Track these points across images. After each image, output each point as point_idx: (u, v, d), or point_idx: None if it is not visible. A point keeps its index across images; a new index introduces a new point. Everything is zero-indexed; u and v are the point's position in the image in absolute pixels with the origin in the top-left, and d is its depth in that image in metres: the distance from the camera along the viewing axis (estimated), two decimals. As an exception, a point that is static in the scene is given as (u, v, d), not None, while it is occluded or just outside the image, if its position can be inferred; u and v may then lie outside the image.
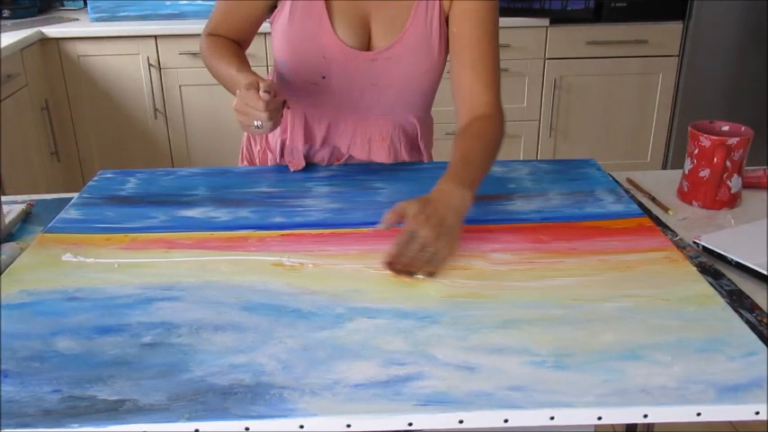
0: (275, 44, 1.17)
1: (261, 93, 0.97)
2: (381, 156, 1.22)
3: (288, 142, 1.22)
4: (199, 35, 1.21)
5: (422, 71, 1.15)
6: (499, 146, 1.07)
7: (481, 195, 1.11)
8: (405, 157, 1.24)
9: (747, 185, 1.14)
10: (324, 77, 1.15)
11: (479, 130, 1.06)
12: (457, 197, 0.92)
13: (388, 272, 0.88)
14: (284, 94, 1.08)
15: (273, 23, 1.15)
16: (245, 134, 1.34)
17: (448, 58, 1.16)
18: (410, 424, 0.65)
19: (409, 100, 1.20)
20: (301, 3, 1.11)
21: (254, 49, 2.59)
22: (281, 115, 1.03)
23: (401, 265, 0.88)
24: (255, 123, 0.99)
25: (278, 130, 1.22)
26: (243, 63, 1.11)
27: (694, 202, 1.11)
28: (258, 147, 1.31)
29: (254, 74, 1.04)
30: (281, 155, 1.24)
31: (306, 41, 1.12)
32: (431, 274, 0.87)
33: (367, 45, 1.14)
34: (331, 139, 1.22)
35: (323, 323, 0.78)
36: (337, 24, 1.11)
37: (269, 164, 1.27)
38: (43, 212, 1.11)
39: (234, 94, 1.05)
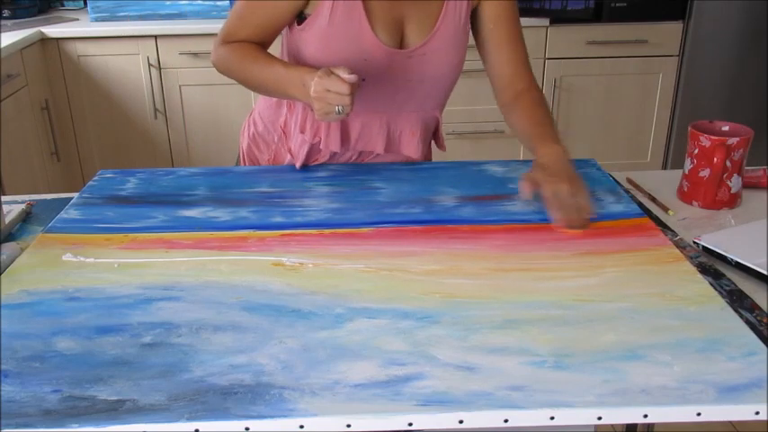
0: (309, 48, 1.13)
1: (345, 76, 0.97)
2: (411, 150, 1.24)
3: (322, 146, 1.21)
4: (199, 35, 1.21)
5: (452, 66, 1.20)
6: (549, 108, 1.21)
7: (481, 195, 1.12)
8: (427, 150, 1.28)
9: (747, 185, 1.14)
10: (364, 80, 1.13)
11: (532, 99, 1.19)
12: (560, 151, 1.05)
13: (571, 231, 0.98)
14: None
15: (307, 27, 1.12)
16: (246, 140, 1.33)
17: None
18: (410, 424, 0.65)
19: (438, 95, 1.24)
20: (342, 4, 1.10)
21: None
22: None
23: (575, 222, 0.98)
24: (338, 109, 0.99)
25: (307, 134, 1.20)
26: (283, 61, 1.11)
27: (694, 202, 1.11)
28: (266, 156, 1.30)
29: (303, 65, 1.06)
30: (307, 158, 1.23)
31: (348, 43, 1.12)
32: (592, 213, 0.99)
33: (401, 43, 1.16)
34: (364, 139, 1.22)
35: (323, 323, 0.78)
36: (376, 25, 1.12)
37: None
38: (43, 212, 1.11)
39: (280, 94, 1.07)
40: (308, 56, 1.14)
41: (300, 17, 1.14)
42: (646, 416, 0.65)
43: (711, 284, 0.86)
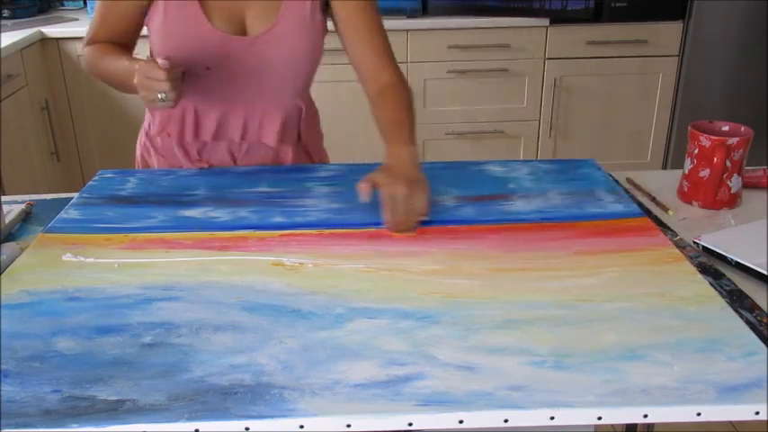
0: (154, 46, 1.19)
1: (160, 62, 1.01)
2: (270, 138, 1.25)
3: (179, 137, 1.24)
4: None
5: (302, 52, 1.20)
6: (413, 106, 1.20)
7: (481, 195, 1.12)
8: (293, 141, 1.28)
9: (747, 185, 1.14)
10: (208, 68, 1.17)
11: (395, 95, 1.18)
12: (407, 154, 1.05)
13: (396, 234, 0.98)
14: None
15: (149, 25, 1.18)
16: (138, 150, 1.36)
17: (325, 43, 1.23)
18: (410, 424, 0.65)
19: (293, 83, 1.24)
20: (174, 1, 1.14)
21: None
22: (179, 87, 1.05)
23: (402, 226, 0.99)
24: (159, 96, 1.02)
25: (162, 127, 1.24)
26: (133, 57, 1.15)
27: (694, 202, 1.11)
28: (154, 159, 1.32)
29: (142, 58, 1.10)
30: (185, 154, 1.26)
31: (184, 36, 1.15)
32: (424, 216, 1.00)
33: (244, 32, 1.18)
34: (222, 128, 1.24)
35: (323, 323, 0.78)
36: (212, 13, 1.15)
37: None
38: (43, 212, 1.11)
39: (128, 88, 1.09)
40: (156, 51, 1.19)
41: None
42: (646, 416, 0.65)
43: (711, 284, 0.86)
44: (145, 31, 1.20)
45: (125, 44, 1.21)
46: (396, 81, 1.20)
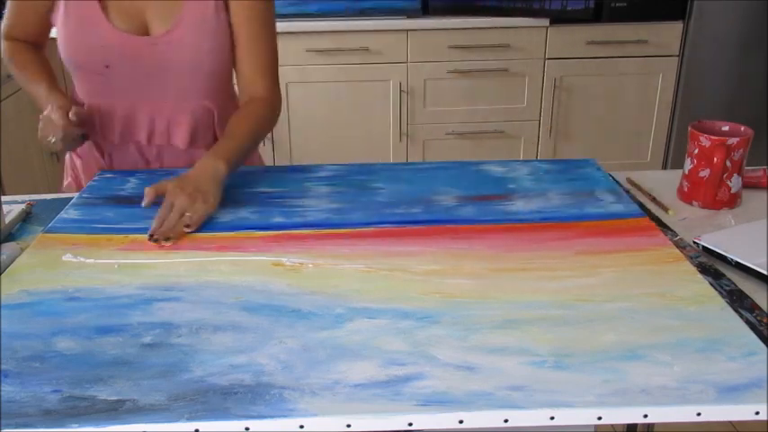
0: (59, 46, 1.20)
1: (71, 115, 1.10)
2: (179, 140, 1.25)
3: (86, 138, 1.24)
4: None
5: (205, 53, 1.19)
6: (269, 124, 1.23)
7: (481, 195, 1.12)
8: (206, 143, 1.28)
9: (747, 185, 1.14)
10: (107, 66, 1.18)
11: (251, 110, 1.20)
12: (210, 167, 1.06)
13: (150, 242, 0.96)
14: (90, 123, 1.21)
15: (54, 24, 1.20)
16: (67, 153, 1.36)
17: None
18: (410, 424, 0.65)
19: (200, 84, 1.23)
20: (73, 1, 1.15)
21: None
22: (78, 143, 1.16)
23: (160, 234, 0.97)
24: (51, 139, 1.11)
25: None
26: (52, 81, 1.22)
27: (694, 202, 1.11)
28: (76, 161, 1.33)
29: (62, 94, 1.19)
30: (100, 155, 1.27)
31: (83, 35, 1.17)
32: (188, 227, 0.99)
33: (146, 31, 1.18)
34: (129, 128, 1.24)
35: (323, 323, 0.78)
36: (112, 14, 1.16)
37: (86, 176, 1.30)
38: (43, 212, 1.11)
39: (41, 107, 1.16)
40: (61, 51, 1.20)
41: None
42: (646, 416, 0.65)
43: (711, 284, 0.86)
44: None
45: (38, 43, 1.27)
46: (263, 97, 1.22)
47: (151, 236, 0.97)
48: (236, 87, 1.29)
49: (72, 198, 1.13)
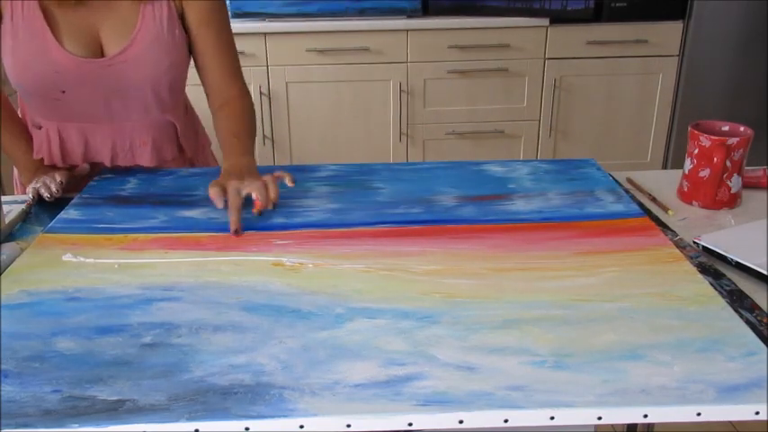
0: (8, 67, 1.15)
1: (58, 182, 1.14)
2: (144, 159, 1.23)
3: (49, 161, 1.21)
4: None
5: (162, 69, 1.18)
6: (255, 120, 1.25)
7: (481, 195, 1.12)
8: (171, 158, 1.27)
9: (747, 185, 1.14)
10: (63, 92, 1.15)
11: (237, 110, 1.22)
12: (244, 164, 1.11)
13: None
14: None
15: (2, 46, 1.13)
16: (16, 171, 1.33)
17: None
18: (410, 424, 0.65)
19: (160, 99, 1.22)
20: (21, 23, 1.11)
21: (254, 48, 2.59)
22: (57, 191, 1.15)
23: (272, 200, 1.04)
24: (44, 193, 1.13)
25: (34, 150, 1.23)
26: (29, 144, 1.22)
27: (694, 202, 1.11)
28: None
29: (44, 167, 1.20)
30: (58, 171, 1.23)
31: (35, 60, 1.12)
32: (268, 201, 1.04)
33: (100, 53, 1.15)
34: (91, 152, 1.22)
35: (323, 323, 0.78)
36: (64, 37, 1.12)
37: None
38: (43, 212, 1.11)
39: (12, 158, 1.21)
40: (9, 76, 1.16)
41: None
42: (646, 416, 0.65)
43: (711, 284, 0.86)
44: None
45: None
46: (238, 95, 1.23)
47: (236, 231, 0.98)
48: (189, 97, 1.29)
49: (72, 198, 1.13)
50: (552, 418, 0.65)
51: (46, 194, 1.13)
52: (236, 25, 2.57)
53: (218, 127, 1.22)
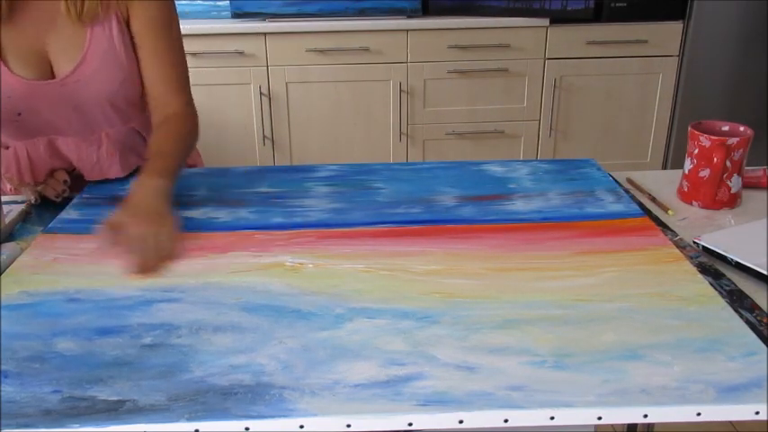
0: None
1: (62, 181, 1.15)
2: (114, 171, 1.20)
3: (18, 179, 1.18)
4: (199, 35, 1.22)
5: (118, 83, 1.14)
6: (193, 140, 1.17)
7: (481, 195, 1.12)
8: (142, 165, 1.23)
9: (747, 185, 1.14)
10: (20, 114, 1.12)
11: (172, 128, 1.14)
12: (152, 186, 0.99)
13: (140, 277, 0.88)
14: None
15: None
16: None
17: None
18: (410, 424, 0.65)
19: (121, 112, 1.19)
20: None
21: (254, 48, 2.59)
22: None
23: (151, 268, 0.90)
24: (51, 194, 1.13)
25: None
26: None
27: (694, 202, 1.11)
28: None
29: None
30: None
31: None
32: (174, 258, 0.92)
33: (52, 73, 1.11)
34: (59, 171, 1.19)
35: (323, 323, 0.78)
36: (12, 61, 1.09)
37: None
38: (43, 212, 1.11)
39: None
40: None
41: None
42: (646, 416, 0.65)
43: (711, 284, 0.86)
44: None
45: None
46: (179, 112, 1.16)
47: (140, 272, 0.89)
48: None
49: (72, 198, 1.13)
50: (552, 418, 0.65)
51: (53, 195, 1.12)
52: (236, 25, 2.57)
53: (149, 144, 1.12)
